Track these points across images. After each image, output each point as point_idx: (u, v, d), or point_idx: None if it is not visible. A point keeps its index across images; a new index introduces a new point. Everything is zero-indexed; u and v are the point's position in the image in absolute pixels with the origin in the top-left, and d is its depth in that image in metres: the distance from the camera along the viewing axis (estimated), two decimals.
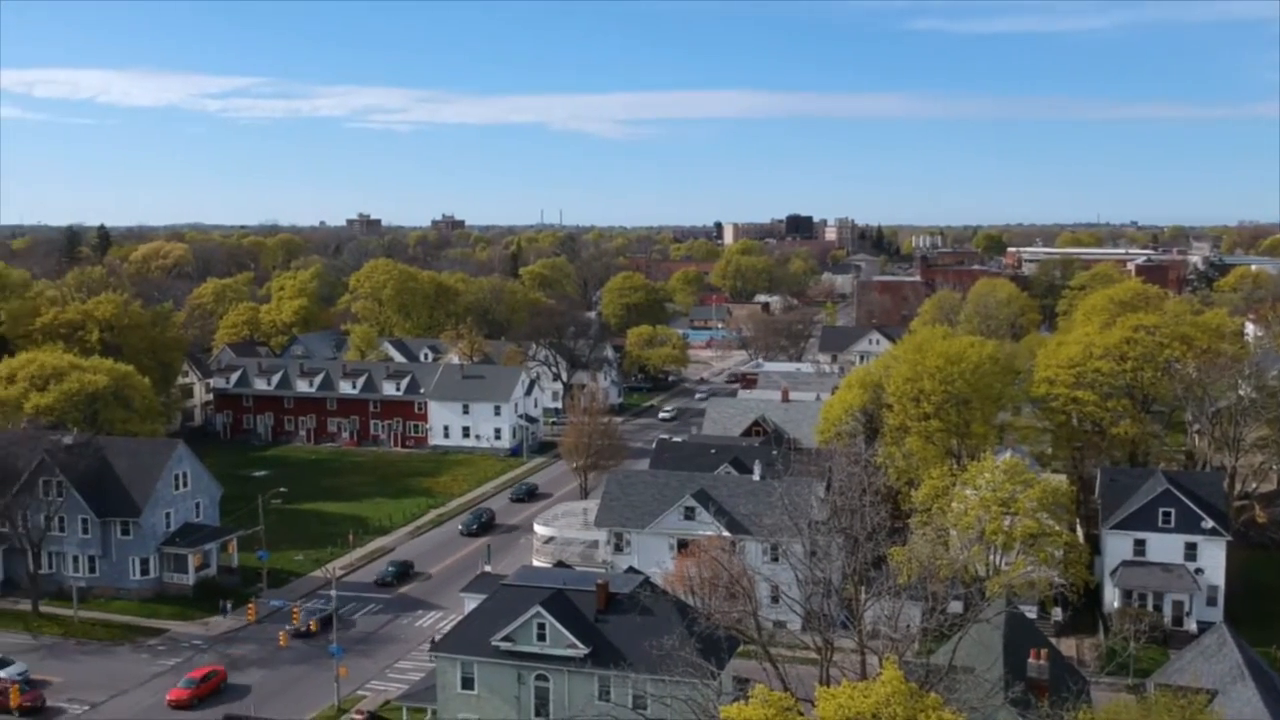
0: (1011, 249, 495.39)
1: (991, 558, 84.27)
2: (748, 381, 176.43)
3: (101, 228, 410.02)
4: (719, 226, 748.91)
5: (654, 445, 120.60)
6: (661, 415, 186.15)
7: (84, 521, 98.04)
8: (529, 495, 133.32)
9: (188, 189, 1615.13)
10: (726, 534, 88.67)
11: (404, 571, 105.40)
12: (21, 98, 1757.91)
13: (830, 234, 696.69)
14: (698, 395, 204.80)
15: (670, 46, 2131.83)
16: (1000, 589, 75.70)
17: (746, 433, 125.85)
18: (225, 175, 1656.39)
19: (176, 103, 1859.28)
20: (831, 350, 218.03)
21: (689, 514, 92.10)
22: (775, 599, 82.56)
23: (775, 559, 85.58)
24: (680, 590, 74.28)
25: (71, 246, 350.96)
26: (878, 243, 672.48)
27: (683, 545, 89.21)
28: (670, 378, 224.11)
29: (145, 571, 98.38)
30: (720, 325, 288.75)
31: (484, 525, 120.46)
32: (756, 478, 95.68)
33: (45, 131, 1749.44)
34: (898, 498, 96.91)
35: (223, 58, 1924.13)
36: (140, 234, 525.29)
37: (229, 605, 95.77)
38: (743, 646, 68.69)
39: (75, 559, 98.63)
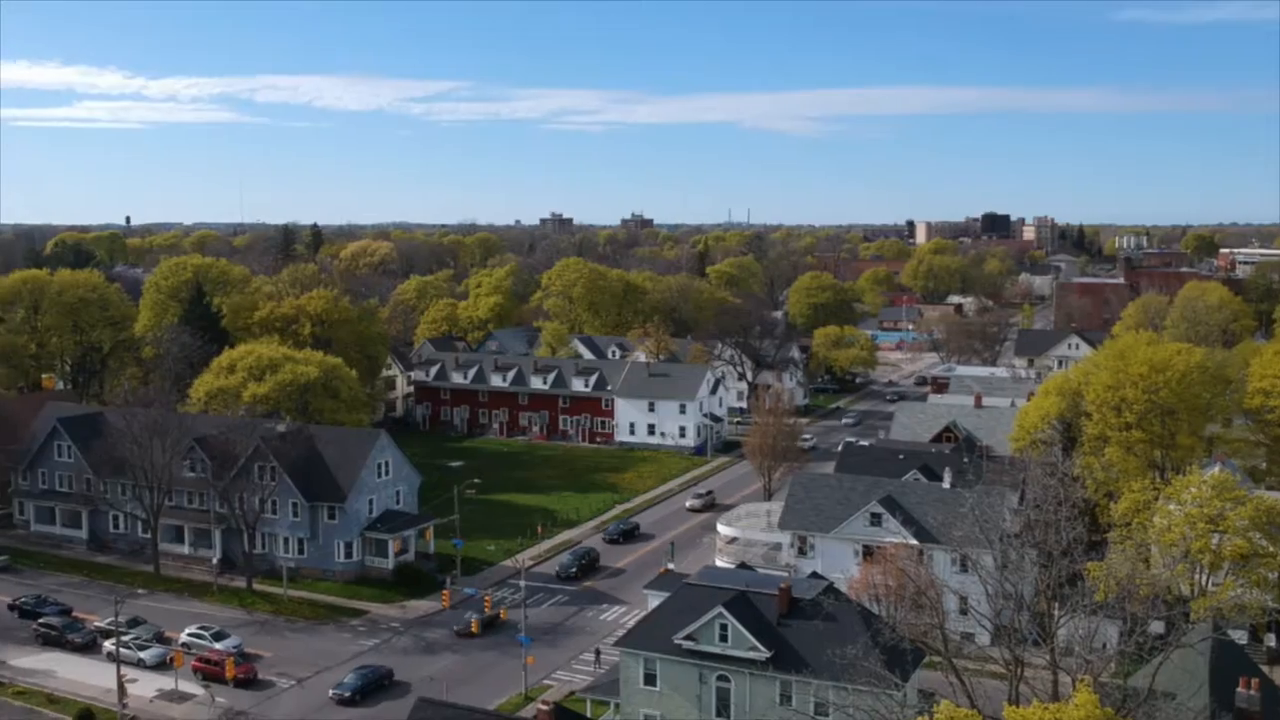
0: (1224, 250, 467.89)
1: (1197, 578, 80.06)
2: (938, 385, 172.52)
3: (314, 226, 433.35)
4: (910, 225, 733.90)
5: (840, 448, 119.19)
6: (845, 420, 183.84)
7: (294, 505, 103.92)
8: (625, 537, 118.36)
9: (393, 189, 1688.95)
10: (914, 542, 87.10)
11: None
12: (245, 103, 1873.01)
13: (1028, 233, 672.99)
14: (886, 398, 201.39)
15: (864, 42, 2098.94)
16: (1206, 612, 71.89)
17: (936, 438, 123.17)
18: (428, 176, 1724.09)
19: (384, 107, 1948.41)
20: (1028, 354, 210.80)
21: (875, 520, 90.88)
22: (963, 611, 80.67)
23: (964, 570, 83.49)
24: (864, 598, 73.47)
25: (287, 244, 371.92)
26: (1078, 242, 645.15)
27: (868, 552, 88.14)
28: (857, 380, 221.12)
29: (349, 555, 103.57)
30: (910, 327, 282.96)
31: (583, 568, 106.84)
32: (946, 485, 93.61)
33: (265, 135, 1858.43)
34: (1095, 511, 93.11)
35: (427, 63, 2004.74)
36: (349, 232, 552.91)
37: (449, 580, 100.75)
38: (928, 659, 67.45)
39: (285, 540, 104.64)
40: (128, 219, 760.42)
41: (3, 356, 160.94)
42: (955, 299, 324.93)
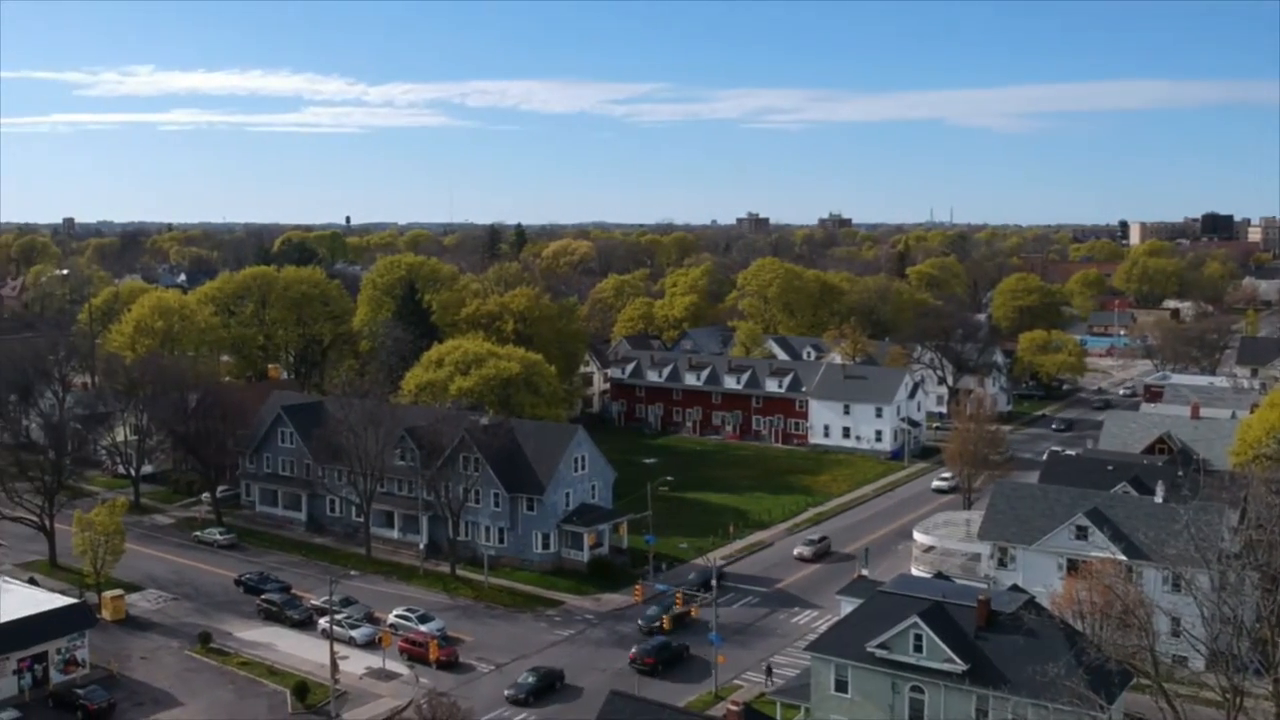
0: None
1: None
2: (1152, 394, 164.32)
3: (518, 226, 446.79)
4: (1123, 225, 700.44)
5: (1044, 457, 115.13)
6: (1053, 426, 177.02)
7: (495, 496, 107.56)
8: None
9: (593, 189, 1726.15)
10: (1122, 558, 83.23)
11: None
12: (457, 107, 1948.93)
13: (1254, 234, 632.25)
14: (1094, 406, 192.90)
15: (1075, 36, 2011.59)
16: None
17: (1148, 450, 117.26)
18: (627, 176, 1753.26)
19: (587, 109, 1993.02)
20: (1251, 363, 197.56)
21: (1081, 533, 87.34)
22: (1175, 633, 76.51)
23: (1176, 589, 79.32)
24: (1068, 614, 70.73)
25: (493, 243, 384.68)
26: None
27: (1072, 566, 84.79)
28: (1064, 386, 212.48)
29: (546, 546, 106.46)
30: (1122, 332, 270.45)
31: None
32: (1159, 500, 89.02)
33: (475, 137, 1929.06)
34: None
35: (630, 66, 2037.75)
36: (551, 232, 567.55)
37: (652, 570, 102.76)
38: (1136, 681, 64.51)
39: (487, 529, 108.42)
40: (347, 219, 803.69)
41: (234, 347, 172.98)
42: (1171, 303, 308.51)
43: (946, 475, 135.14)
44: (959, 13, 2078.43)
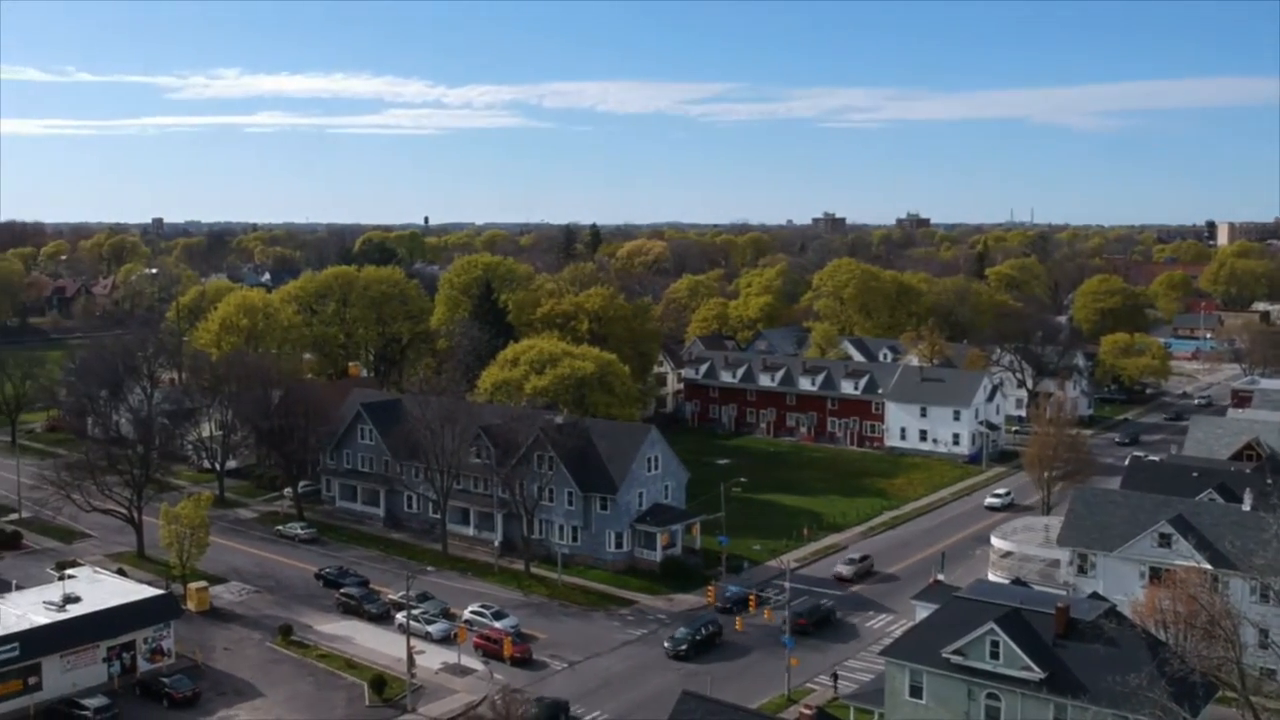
0: None
1: None
2: (1240, 399, 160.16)
3: (593, 226, 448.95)
4: (1211, 226, 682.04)
5: (1126, 462, 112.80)
6: (1117, 439, 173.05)
7: (569, 494, 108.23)
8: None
9: (668, 190, 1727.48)
10: (1207, 567, 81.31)
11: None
12: (534, 108, 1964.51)
13: None
14: (1168, 416, 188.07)
15: (1158, 33, 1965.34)
16: None
17: (1236, 456, 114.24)
18: (701, 176, 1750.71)
19: (663, 109, 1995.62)
20: None
21: (1164, 541, 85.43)
22: (1264, 645, 74.67)
23: (1265, 600, 77.35)
24: (1150, 623, 69.34)
25: (568, 243, 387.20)
26: None
27: (1155, 574, 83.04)
28: (1148, 390, 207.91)
29: (619, 545, 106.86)
30: (1209, 335, 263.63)
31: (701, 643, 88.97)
32: (1246, 508, 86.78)
33: (551, 138, 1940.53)
34: None
35: (706, 66, 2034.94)
36: (626, 232, 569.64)
37: (723, 571, 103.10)
38: (1221, 694, 62.98)
39: (560, 528, 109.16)
40: (426, 219, 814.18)
41: (315, 345, 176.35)
42: (1261, 306, 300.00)
43: (1000, 491, 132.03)
44: (1040, 11, 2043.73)
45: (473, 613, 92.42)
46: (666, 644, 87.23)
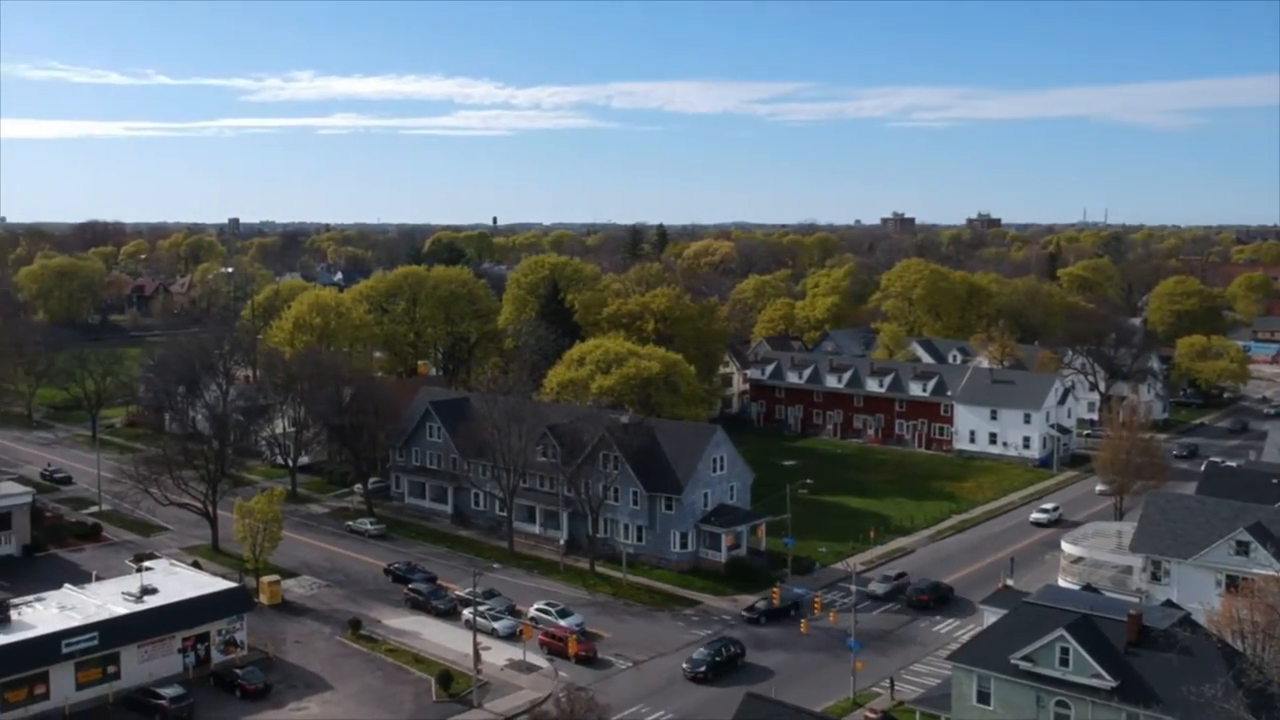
0: None
1: None
2: None
3: (660, 226, 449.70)
4: None
5: (1203, 468, 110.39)
6: (1174, 452, 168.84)
7: (634, 494, 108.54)
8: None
9: (735, 190, 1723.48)
10: None
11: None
12: (601, 109, 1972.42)
13: None
14: (1226, 431, 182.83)
15: (1233, 28, 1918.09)
16: None
17: None
18: (768, 176, 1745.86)
19: (730, 109, 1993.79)
20: None
21: (1242, 549, 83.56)
22: None
23: None
24: (1227, 633, 67.79)
25: (634, 243, 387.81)
26: None
27: (1232, 583, 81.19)
28: (1225, 394, 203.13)
29: (684, 545, 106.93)
30: None
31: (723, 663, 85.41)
32: None
33: (618, 139, 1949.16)
34: None
35: (774, 65, 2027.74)
36: (692, 232, 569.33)
37: (788, 572, 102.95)
38: None
39: (625, 527, 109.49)
40: (494, 219, 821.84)
41: (386, 344, 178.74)
42: None
43: (1047, 506, 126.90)
44: (1111, 8, 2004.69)
45: (538, 610, 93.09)
46: (685, 665, 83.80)
